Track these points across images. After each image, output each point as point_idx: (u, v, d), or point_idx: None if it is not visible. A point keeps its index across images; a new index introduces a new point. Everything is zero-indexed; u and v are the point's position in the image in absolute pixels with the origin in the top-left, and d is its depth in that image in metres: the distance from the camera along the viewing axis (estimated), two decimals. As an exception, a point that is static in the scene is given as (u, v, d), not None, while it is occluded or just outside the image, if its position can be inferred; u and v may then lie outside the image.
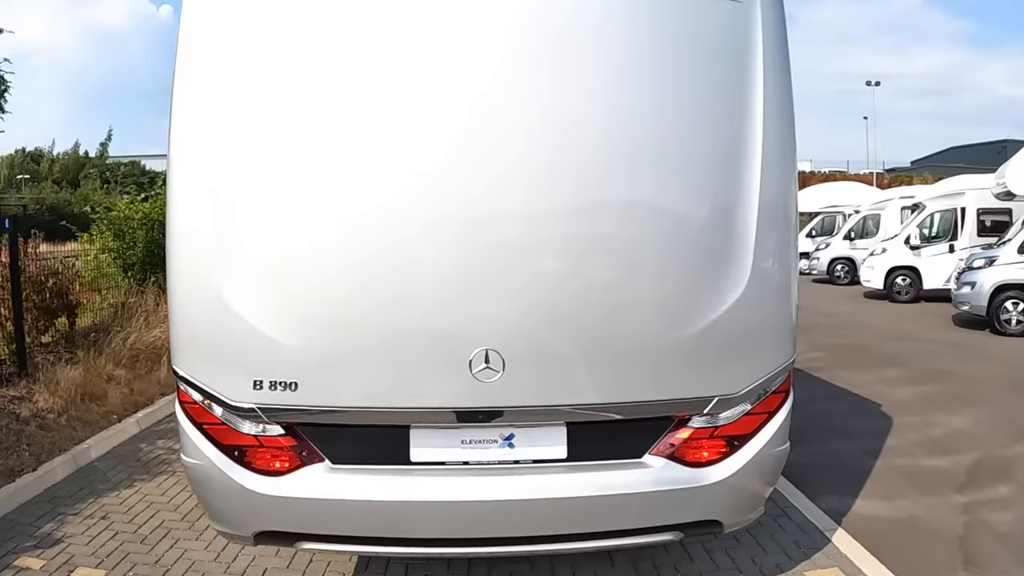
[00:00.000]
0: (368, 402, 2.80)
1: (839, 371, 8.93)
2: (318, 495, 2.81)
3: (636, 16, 2.89)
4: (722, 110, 2.91)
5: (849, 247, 19.98)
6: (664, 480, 2.87)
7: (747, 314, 2.86)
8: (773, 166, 2.89)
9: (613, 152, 2.82)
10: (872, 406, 7.27)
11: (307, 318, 2.79)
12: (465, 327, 2.72)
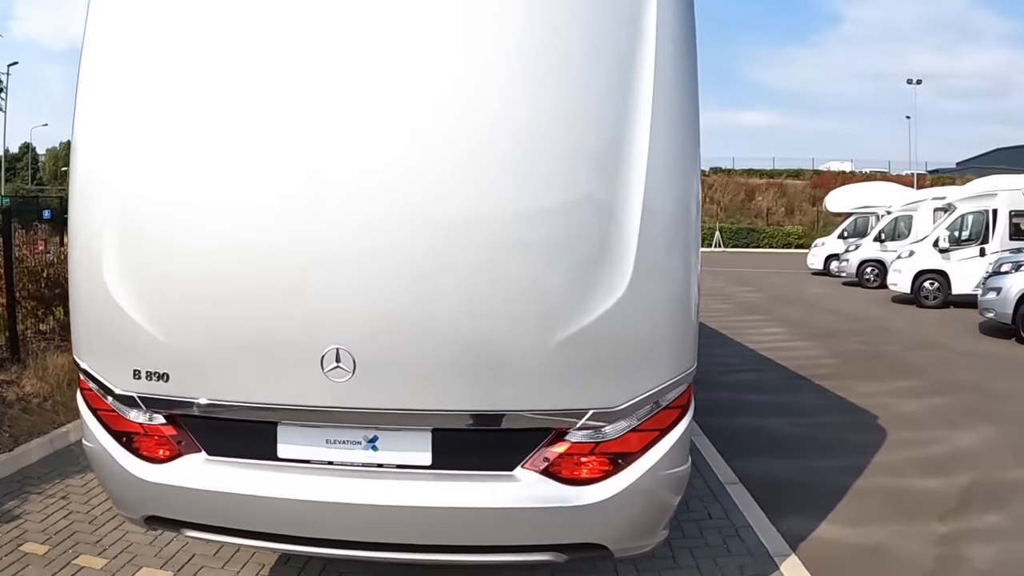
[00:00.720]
0: (232, 396, 2.79)
1: (847, 380, 8.37)
2: (194, 485, 2.84)
3: (506, 9, 2.69)
4: (599, 107, 2.66)
5: (880, 249, 19.01)
6: (536, 497, 2.66)
7: (626, 322, 2.60)
8: (662, 166, 2.61)
9: (476, 151, 2.62)
10: (871, 419, 6.72)
11: (175, 312, 2.80)
12: (316, 326, 2.65)
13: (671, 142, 2.65)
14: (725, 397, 7.63)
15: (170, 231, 2.76)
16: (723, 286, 21.08)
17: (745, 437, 6.24)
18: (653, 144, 2.58)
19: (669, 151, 2.64)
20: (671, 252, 2.70)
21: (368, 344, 2.62)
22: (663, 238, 2.65)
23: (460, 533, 2.77)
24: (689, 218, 2.75)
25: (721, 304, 16.43)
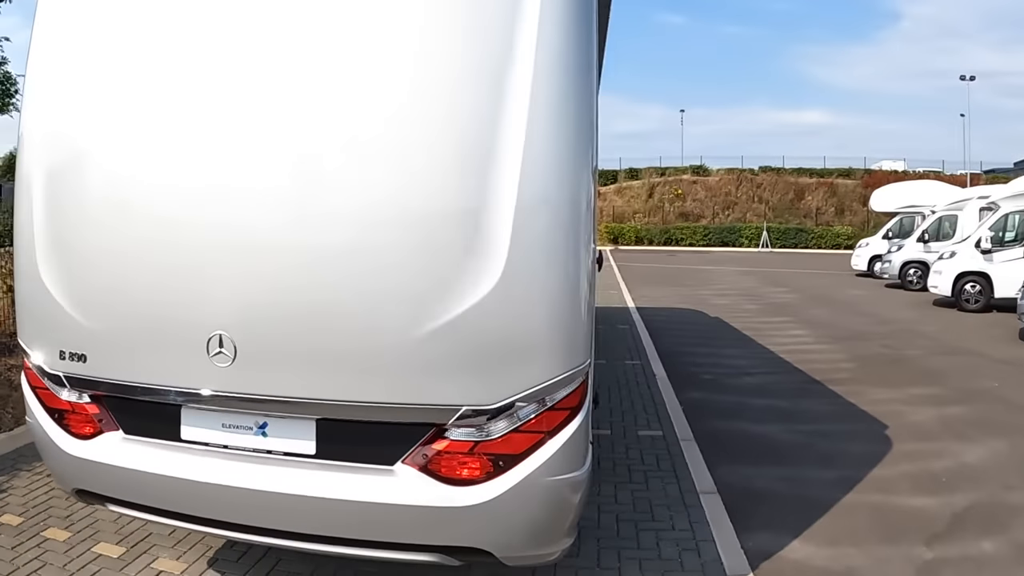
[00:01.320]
0: (137, 378, 2.90)
1: (862, 385, 7.89)
2: (112, 461, 2.98)
3: (378, 9, 2.65)
4: (471, 105, 2.57)
5: (923, 250, 17.96)
6: (414, 494, 2.61)
7: (496, 318, 2.51)
8: (541, 162, 2.52)
9: (346, 149, 2.62)
10: (878, 428, 6.27)
11: (89, 296, 2.96)
12: (202, 313, 2.73)
13: (552, 139, 2.55)
14: (727, 401, 7.26)
15: (83, 221, 2.93)
16: (758, 286, 20.46)
17: (737, 443, 5.88)
18: (530, 140, 2.50)
19: (550, 148, 2.54)
20: (550, 247, 2.55)
21: (247, 332, 2.67)
22: (540, 233, 2.52)
23: (341, 525, 2.73)
24: (576, 213, 2.62)
25: (751, 304, 15.89)
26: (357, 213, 2.59)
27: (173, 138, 2.77)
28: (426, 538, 2.68)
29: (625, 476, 5.08)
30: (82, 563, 3.69)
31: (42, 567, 3.64)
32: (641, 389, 7.68)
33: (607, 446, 5.75)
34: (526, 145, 2.49)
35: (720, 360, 9.45)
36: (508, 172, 2.49)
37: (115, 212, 2.85)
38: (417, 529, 2.66)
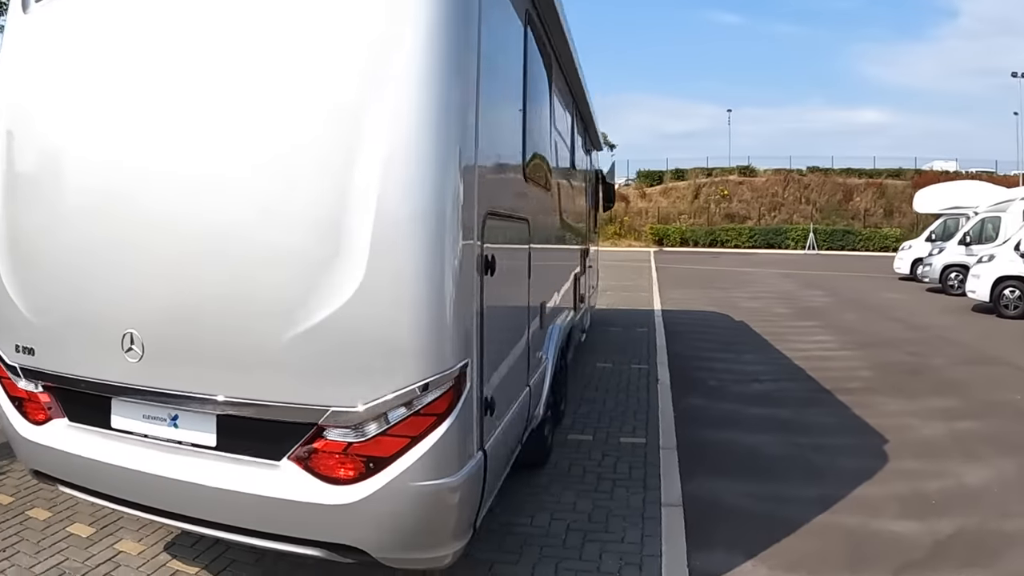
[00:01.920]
0: (73, 370, 3.15)
1: (874, 396, 7.40)
2: (58, 446, 3.23)
3: (247, 15, 2.80)
4: (333, 117, 2.65)
5: (964, 253, 16.94)
6: (293, 489, 2.68)
7: (358, 323, 2.55)
8: (402, 171, 2.54)
9: (224, 162, 2.77)
10: (878, 443, 5.82)
11: (32, 294, 3.27)
12: (115, 312, 2.97)
13: (415, 146, 2.55)
14: (725, 409, 6.88)
15: (25, 227, 3.27)
16: (794, 289, 19.74)
17: (722, 454, 5.53)
18: (392, 149, 2.54)
19: (411, 156, 2.54)
20: (411, 256, 2.54)
21: (151, 331, 2.88)
22: (401, 240, 2.53)
23: (235, 515, 2.83)
24: (440, 220, 2.58)
25: (782, 308, 15.29)
26: (230, 225, 2.73)
27: (90, 159, 3.05)
28: (307, 533, 2.74)
29: (592, 484, 4.82)
30: (54, 540, 3.90)
31: (19, 542, 3.87)
32: (639, 394, 7.35)
33: (584, 452, 5.49)
34: (387, 160, 2.52)
35: (732, 366, 9.02)
36: (369, 184, 2.52)
37: (48, 220, 3.17)
38: (298, 523, 2.73)
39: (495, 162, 3.27)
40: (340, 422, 2.61)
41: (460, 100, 2.69)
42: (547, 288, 4.87)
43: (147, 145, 2.90)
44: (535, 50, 4.36)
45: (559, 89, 5.55)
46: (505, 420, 3.40)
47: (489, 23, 3.00)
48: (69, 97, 3.13)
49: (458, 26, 2.68)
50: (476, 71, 2.81)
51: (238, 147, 2.75)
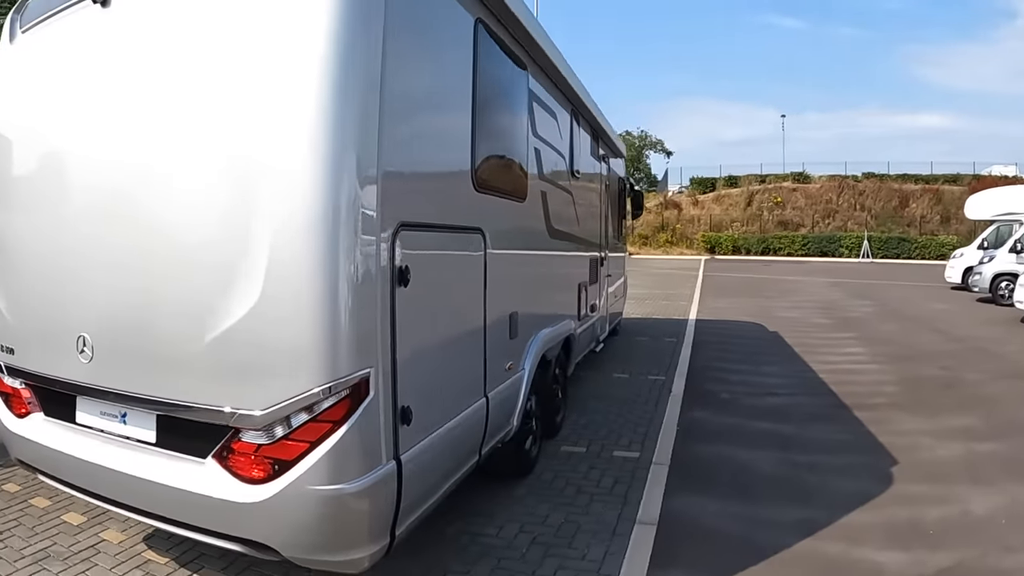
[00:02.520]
0: (43, 369, 3.37)
1: (894, 412, 6.93)
2: (35, 438, 3.44)
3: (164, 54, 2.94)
4: (234, 125, 2.73)
5: (1016, 261, 15.85)
6: (214, 486, 2.77)
7: (257, 332, 2.61)
8: (295, 178, 2.55)
9: (152, 189, 2.91)
10: (885, 464, 5.40)
11: (8, 299, 3.58)
12: (71, 317, 3.19)
13: (305, 160, 2.54)
14: (731, 423, 6.53)
15: (7, 234, 3.57)
16: (840, 299, 18.93)
17: (715, 471, 5.22)
18: (284, 164, 2.57)
19: (301, 170, 2.55)
20: (304, 266, 2.54)
21: (98, 334, 3.07)
22: (294, 253, 2.55)
23: (168, 507, 2.95)
24: (332, 233, 2.54)
25: (821, 319, 14.65)
26: (154, 239, 2.88)
27: (50, 176, 3.34)
28: (226, 528, 2.81)
29: (571, 497, 4.64)
30: (48, 527, 4.15)
31: (16, 527, 4.14)
32: (647, 407, 7.08)
33: (572, 464, 5.30)
34: (279, 172, 2.57)
35: (751, 379, 8.62)
36: (267, 198, 2.57)
37: (21, 230, 3.49)
38: (218, 519, 2.80)
39: (416, 174, 3.13)
40: (246, 424, 2.67)
41: (356, 115, 2.63)
42: (521, 298, 4.66)
43: (91, 165, 3.12)
44: (496, 60, 4.19)
45: (543, 98, 5.34)
46: (439, 431, 3.26)
47: (402, 34, 2.87)
48: (38, 120, 3.41)
49: (350, 38, 2.60)
50: (379, 84, 2.68)
51: (159, 169, 2.88)
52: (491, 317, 3.96)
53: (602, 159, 8.82)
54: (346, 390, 2.59)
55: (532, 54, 4.89)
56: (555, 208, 5.70)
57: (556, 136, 5.83)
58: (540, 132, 5.18)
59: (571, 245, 6.58)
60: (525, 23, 4.43)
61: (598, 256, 8.40)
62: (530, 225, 5.01)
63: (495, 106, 4.25)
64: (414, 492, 2.99)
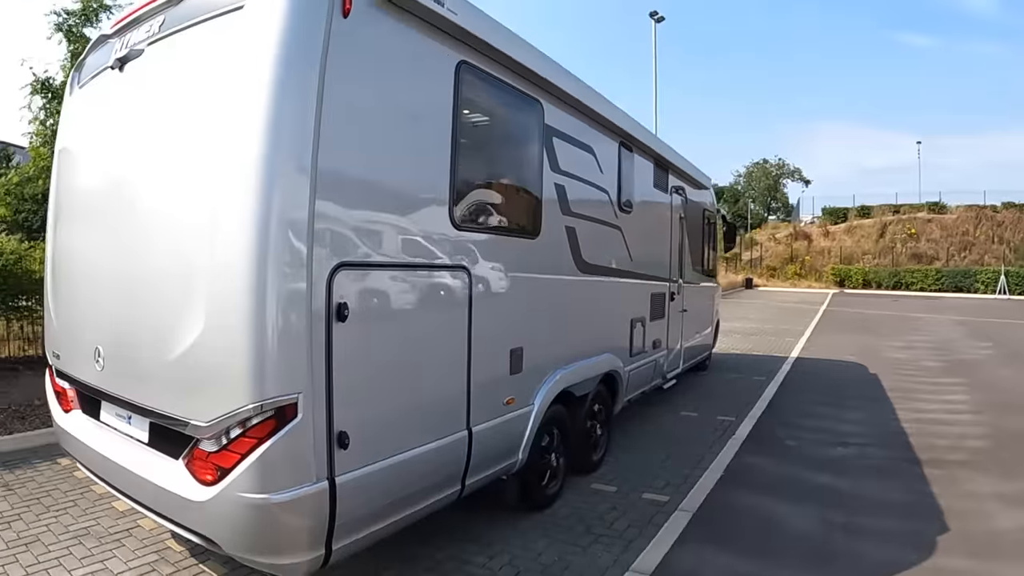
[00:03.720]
0: (77, 374, 3.86)
1: (969, 471, 6.09)
2: (74, 432, 3.88)
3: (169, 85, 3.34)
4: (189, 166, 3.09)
5: None
6: (178, 484, 3.03)
7: (203, 355, 2.87)
8: (226, 224, 2.80)
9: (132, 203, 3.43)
10: (932, 530, 4.76)
11: (56, 312, 4.18)
12: (90, 329, 3.70)
13: (235, 207, 2.76)
14: (782, 472, 6.07)
15: (57, 253, 4.25)
16: (959, 339, 17.05)
17: (741, 523, 4.89)
18: (219, 211, 2.82)
19: (231, 217, 2.77)
20: (234, 300, 2.74)
21: (107, 346, 3.50)
22: (226, 290, 2.76)
23: (152, 499, 3.25)
24: (261, 275, 2.72)
25: (931, 361, 13.27)
26: (139, 269, 3.30)
27: (84, 204, 3.95)
28: (185, 521, 3.06)
29: (576, 536, 4.56)
30: (97, 510, 4.79)
31: (72, 507, 4.83)
32: (700, 449, 6.75)
33: (594, 503, 5.19)
34: (215, 219, 2.83)
35: (827, 425, 7.98)
36: (208, 241, 2.82)
37: (64, 251, 4.17)
38: (180, 512, 3.06)
39: (364, 219, 3.14)
40: (198, 433, 2.92)
41: (285, 172, 2.76)
42: (529, 334, 4.55)
43: (106, 196, 3.66)
44: (490, 97, 4.20)
45: (568, 132, 5.15)
46: (390, 459, 3.28)
47: (348, 83, 2.96)
48: (83, 156, 4.04)
49: (279, 99, 2.73)
50: (311, 141, 2.78)
51: (143, 205, 3.34)
52: (479, 352, 3.91)
53: (675, 191, 8.50)
54: (272, 411, 2.75)
55: (547, 89, 4.75)
56: (589, 242, 5.47)
57: (592, 170, 5.62)
58: (564, 167, 5.01)
59: (616, 279, 6.28)
60: (527, 62, 4.34)
61: (665, 289, 8.06)
62: (546, 261, 4.82)
63: (487, 144, 4.26)
64: (354, 512, 3.05)
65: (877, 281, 40.83)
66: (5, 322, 9.22)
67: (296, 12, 2.73)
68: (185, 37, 3.19)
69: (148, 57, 3.41)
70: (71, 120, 4.33)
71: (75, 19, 9.13)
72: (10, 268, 8.70)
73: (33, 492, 5.12)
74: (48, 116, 9.23)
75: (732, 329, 17.88)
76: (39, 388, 7.27)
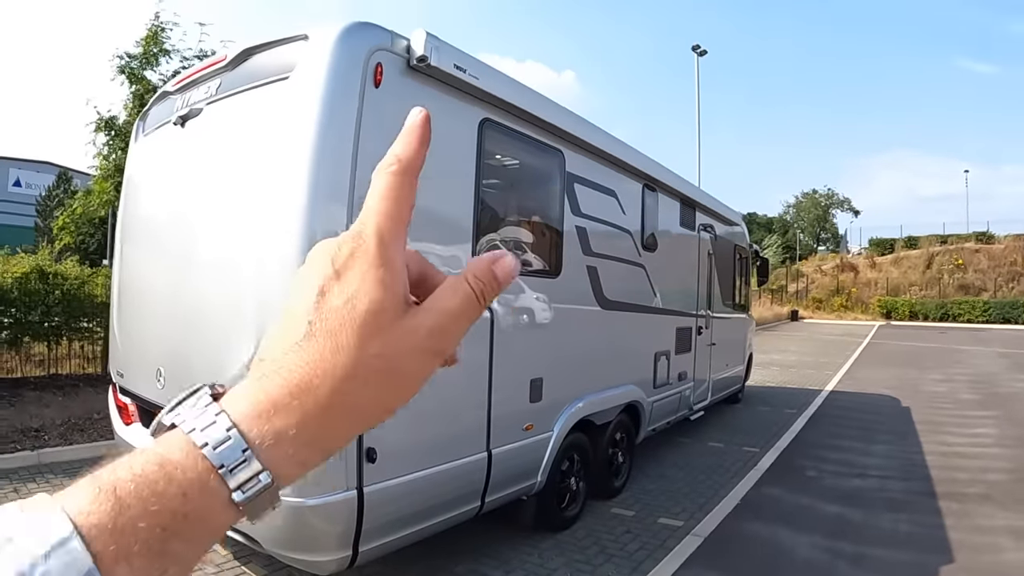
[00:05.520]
0: (137, 390, 4.37)
1: (983, 505, 6.14)
2: (132, 442, 4.32)
3: (220, 130, 3.89)
4: (240, 213, 3.59)
5: None
6: None
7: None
8: (271, 273, 3.25)
9: (191, 242, 3.92)
10: (938, 562, 4.89)
11: (120, 334, 4.76)
12: (153, 352, 4.20)
13: (284, 256, 3.17)
14: (798, 503, 6.24)
15: (122, 282, 4.84)
16: (1000, 372, 16.69)
17: (748, 551, 5.10)
18: (269, 255, 3.27)
19: (276, 265, 3.23)
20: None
21: (168, 367, 3.98)
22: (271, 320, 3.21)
23: None
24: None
25: (968, 395, 13.11)
26: (199, 303, 3.77)
27: (146, 240, 4.55)
28: None
29: (590, 556, 4.87)
30: None
31: None
32: (723, 478, 6.96)
33: (611, 525, 5.46)
34: (264, 263, 3.29)
35: (850, 457, 8.08)
36: (257, 282, 3.30)
37: (128, 280, 4.75)
38: None
39: None
40: None
41: (324, 222, 3.17)
42: (550, 366, 4.86)
43: (168, 233, 4.16)
44: (512, 150, 4.62)
45: (590, 178, 5.49)
46: (414, 475, 3.63)
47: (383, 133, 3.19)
48: (148, 196, 4.60)
49: (318, 168, 3.17)
50: (350, 186, 3.21)
51: (200, 243, 3.83)
52: (499, 382, 4.27)
53: (703, 228, 8.75)
54: None
55: (569, 139, 5.11)
56: (611, 280, 5.76)
57: (614, 212, 5.94)
58: (585, 210, 5.35)
59: (638, 314, 6.56)
60: (548, 117, 4.73)
61: (692, 324, 8.28)
62: (567, 298, 5.13)
63: (509, 191, 4.68)
64: (379, 519, 3.41)
65: (924, 313, 40.03)
66: (68, 342, 9.91)
67: (334, 86, 3.19)
68: (239, 100, 3.70)
69: (206, 115, 3.94)
70: (136, 163, 4.93)
71: (136, 62, 9.88)
72: (74, 292, 9.41)
73: (92, 499, 5.67)
74: (111, 152, 9.96)
75: (771, 362, 17.88)
76: (97, 403, 7.92)
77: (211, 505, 0.42)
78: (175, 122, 4.16)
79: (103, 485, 0.38)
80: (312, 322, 0.45)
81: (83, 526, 0.36)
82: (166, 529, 0.39)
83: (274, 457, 0.43)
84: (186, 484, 0.41)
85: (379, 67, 3.29)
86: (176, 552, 0.40)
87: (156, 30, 9.97)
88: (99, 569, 0.36)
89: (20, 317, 9.12)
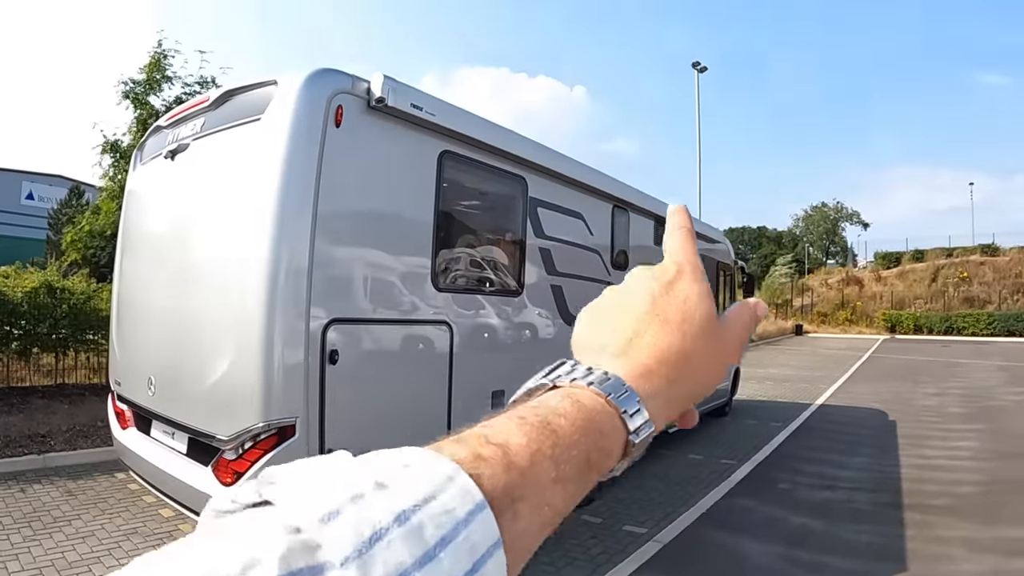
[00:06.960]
0: (134, 398, 4.71)
1: (947, 516, 6.26)
2: (129, 445, 4.70)
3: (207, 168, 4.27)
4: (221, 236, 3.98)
5: None
6: (205, 485, 3.75)
7: (230, 385, 3.67)
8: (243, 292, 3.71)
9: (178, 261, 4.34)
10: (891, 572, 5.16)
11: (120, 344, 5.13)
12: (144, 361, 4.58)
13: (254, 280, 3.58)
14: (764, 514, 6.41)
15: (120, 296, 5.25)
16: (995, 386, 16.53)
17: (705, 556, 5.30)
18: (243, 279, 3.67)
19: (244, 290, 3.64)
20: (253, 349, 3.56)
21: (158, 376, 4.33)
22: (248, 339, 3.61)
23: (188, 498, 3.93)
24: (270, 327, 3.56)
25: (957, 408, 13.15)
26: (183, 316, 4.16)
27: (139, 257, 4.97)
28: None
29: (554, 558, 5.08)
30: (146, 515, 5.65)
31: (124, 511, 5.74)
32: (695, 489, 7.15)
33: (578, 532, 5.67)
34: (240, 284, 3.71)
35: (826, 470, 8.22)
36: (234, 299, 3.71)
37: (124, 295, 5.18)
38: None
39: (353, 285, 3.96)
40: (222, 445, 3.66)
41: (289, 251, 3.56)
42: (513, 378, 5.12)
43: (159, 253, 4.59)
44: (471, 178, 4.93)
45: (554, 202, 5.77)
46: None
47: (341, 176, 3.75)
48: (143, 219, 5.01)
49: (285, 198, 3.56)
50: (312, 214, 3.58)
51: (188, 262, 4.20)
52: (459, 391, 4.61)
53: None
54: (275, 429, 3.54)
55: (531, 167, 5.43)
56: (578, 298, 5.98)
57: (581, 233, 6.24)
58: (549, 232, 5.68)
59: None
60: (507, 147, 5.07)
61: None
62: (530, 315, 5.48)
63: (469, 217, 4.96)
64: None
65: (928, 326, 39.84)
66: (74, 354, 10.26)
67: (298, 127, 3.55)
68: (220, 136, 4.10)
69: (192, 150, 4.33)
70: (134, 190, 5.35)
71: (140, 88, 10.30)
72: (81, 306, 9.76)
73: (91, 498, 6.02)
74: (116, 172, 10.37)
75: (767, 376, 18.00)
76: (102, 411, 8.24)
77: (619, 443, 0.49)
78: (165, 155, 4.53)
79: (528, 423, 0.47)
80: (659, 315, 0.54)
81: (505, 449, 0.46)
82: (589, 460, 0.46)
83: (652, 409, 0.50)
84: (606, 424, 0.48)
85: (340, 109, 3.61)
86: (587, 482, 0.46)
87: (159, 57, 10.39)
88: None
89: (29, 329, 9.48)
